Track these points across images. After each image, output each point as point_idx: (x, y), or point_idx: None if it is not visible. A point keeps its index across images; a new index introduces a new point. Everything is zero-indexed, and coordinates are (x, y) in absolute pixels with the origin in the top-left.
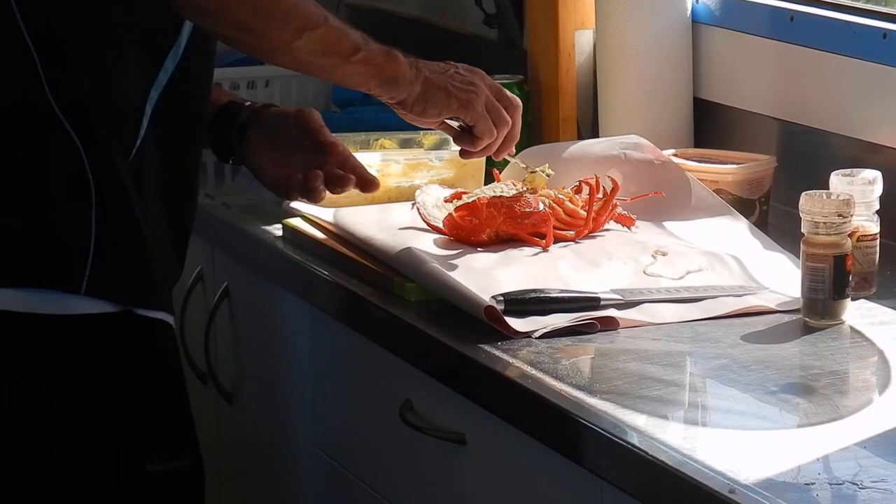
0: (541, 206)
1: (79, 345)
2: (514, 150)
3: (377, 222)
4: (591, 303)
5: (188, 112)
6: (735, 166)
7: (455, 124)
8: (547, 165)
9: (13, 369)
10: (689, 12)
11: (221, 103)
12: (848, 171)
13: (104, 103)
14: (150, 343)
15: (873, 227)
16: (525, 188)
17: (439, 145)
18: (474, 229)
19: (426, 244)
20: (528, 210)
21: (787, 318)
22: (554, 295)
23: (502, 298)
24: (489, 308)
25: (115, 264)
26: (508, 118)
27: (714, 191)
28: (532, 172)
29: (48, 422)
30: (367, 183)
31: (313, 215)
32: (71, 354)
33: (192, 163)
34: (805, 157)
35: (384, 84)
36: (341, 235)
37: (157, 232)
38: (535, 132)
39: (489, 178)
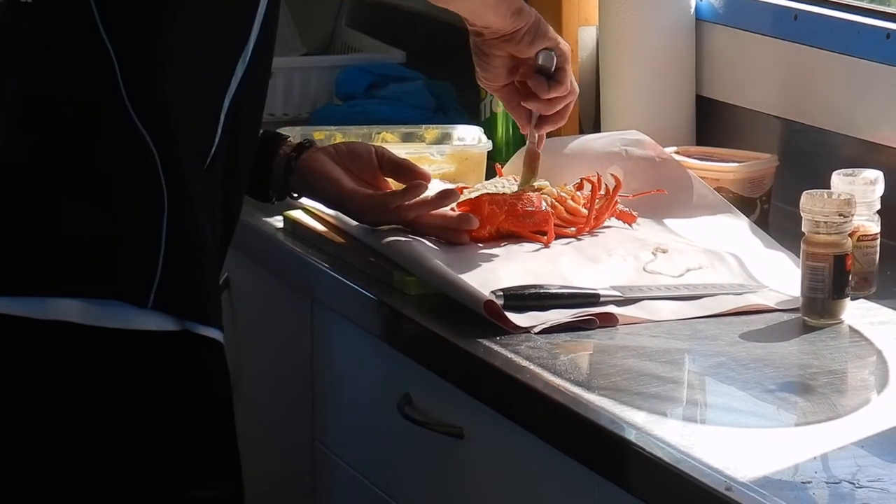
0: (543, 206)
1: (134, 364)
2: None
3: None
4: (591, 299)
5: (251, 119)
6: (736, 164)
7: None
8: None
9: (61, 385)
10: (692, 10)
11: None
12: (849, 170)
13: (182, 110)
14: (203, 366)
15: (874, 227)
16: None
17: (441, 140)
18: None
19: (426, 238)
20: (529, 209)
21: (786, 316)
22: (553, 291)
23: (502, 294)
24: (489, 303)
25: (182, 276)
26: (577, 88)
27: (715, 189)
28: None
29: (88, 440)
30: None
31: (314, 208)
32: (124, 373)
33: (246, 173)
34: (807, 156)
35: (515, 15)
36: (342, 228)
37: (212, 242)
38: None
39: (490, 173)
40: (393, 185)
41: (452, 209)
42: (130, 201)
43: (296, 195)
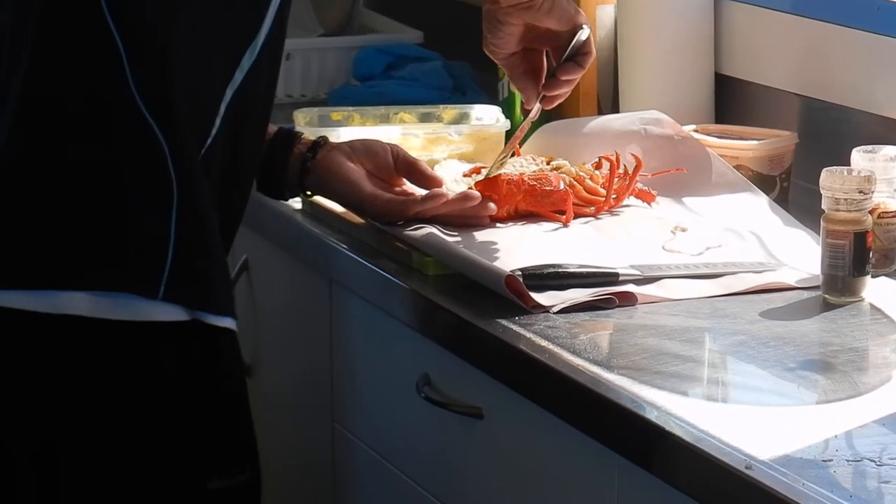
0: (561, 185)
1: (145, 355)
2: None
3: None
4: (610, 278)
5: (256, 112)
6: (756, 142)
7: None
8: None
9: (72, 379)
10: None
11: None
12: (869, 147)
13: (187, 101)
14: (215, 357)
15: (894, 204)
16: (545, 163)
17: (459, 119)
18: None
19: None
20: (548, 189)
21: (806, 294)
22: (572, 270)
23: (520, 273)
24: (510, 278)
25: (192, 266)
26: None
27: (735, 167)
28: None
29: (101, 434)
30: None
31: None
32: (135, 365)
33: (251, 166)
34: (826, 133)
35: None
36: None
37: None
38: (556, 107)
39: None
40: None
41: (470, 188)
42: (139, 192)
43: (309, 194)
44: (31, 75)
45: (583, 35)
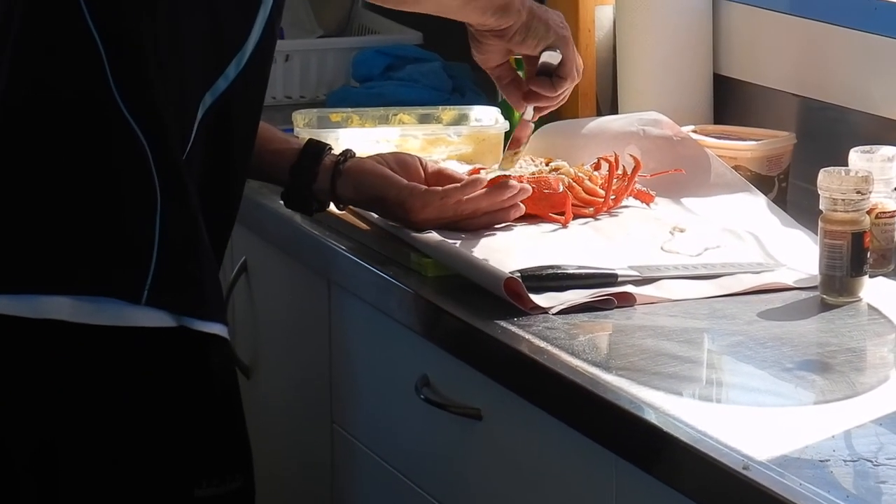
0: (560, 188)
1: (130, 361)
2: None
3: None
4: (609, 279)
5: (243, 118)
6: (754, 143)
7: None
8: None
9: (56, 384)
10: None
11: (290, 145)
12: (867, 147)
13: (168, 103)
14: (204, 363)
15: (891, 204)
16: (544, 164)
17: (458, 121)
18: None
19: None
20: (547, 192)
21: (804, 294)
22: (571, 271)
23: (519, 274)
24: (510, 281)
25: (177, 272)
26: (579, 71)
27: (733, 167)
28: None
29: (86, 440)
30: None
31: None
32: (120, 371)
33: (238, 171)
34: (824, 133)
35: (497, 13)
36: (359, 211)
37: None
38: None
39: None
40: None
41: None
42: (122, 194)
43: (338, 200)
44: (12, 77)
45: (553, 59)
